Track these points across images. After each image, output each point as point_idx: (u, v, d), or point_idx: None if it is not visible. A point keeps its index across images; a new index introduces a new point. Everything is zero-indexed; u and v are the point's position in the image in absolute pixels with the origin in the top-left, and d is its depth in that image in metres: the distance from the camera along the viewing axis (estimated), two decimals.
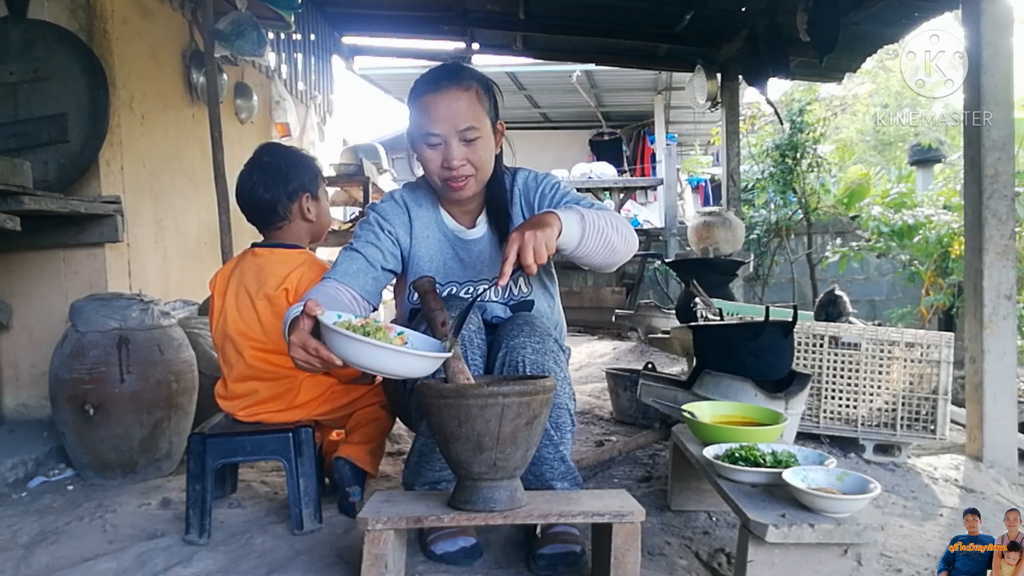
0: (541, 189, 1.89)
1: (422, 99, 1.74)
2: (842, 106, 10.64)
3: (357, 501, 1.93)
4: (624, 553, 1.41)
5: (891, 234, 5.56)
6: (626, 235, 1.73)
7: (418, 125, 1.74)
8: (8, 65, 2.75)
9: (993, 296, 2.66)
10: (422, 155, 1.77)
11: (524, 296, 1.89)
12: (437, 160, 1.74)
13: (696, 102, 5.93)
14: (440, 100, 1.71)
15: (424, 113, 1.73)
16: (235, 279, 2.02)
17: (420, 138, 1.75)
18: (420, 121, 1.74)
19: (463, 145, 1.72)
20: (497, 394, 1.36)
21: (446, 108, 1.71)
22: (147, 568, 1.67)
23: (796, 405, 2.07)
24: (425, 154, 1.75)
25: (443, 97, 1.71)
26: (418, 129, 1.75)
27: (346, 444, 2.01)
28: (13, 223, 2.22)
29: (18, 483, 2.34)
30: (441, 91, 1.72)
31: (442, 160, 1.73)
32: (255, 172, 2.04)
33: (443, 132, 1.71)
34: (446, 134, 1.71)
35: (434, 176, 1.78)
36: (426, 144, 1.74)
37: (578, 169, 9.96)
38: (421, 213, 1.89)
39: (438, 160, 1.74)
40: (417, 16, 5.80)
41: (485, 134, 1.75)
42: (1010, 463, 2.63)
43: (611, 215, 1.73)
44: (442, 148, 1.73)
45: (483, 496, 1.43)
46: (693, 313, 2.96)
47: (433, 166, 1.76)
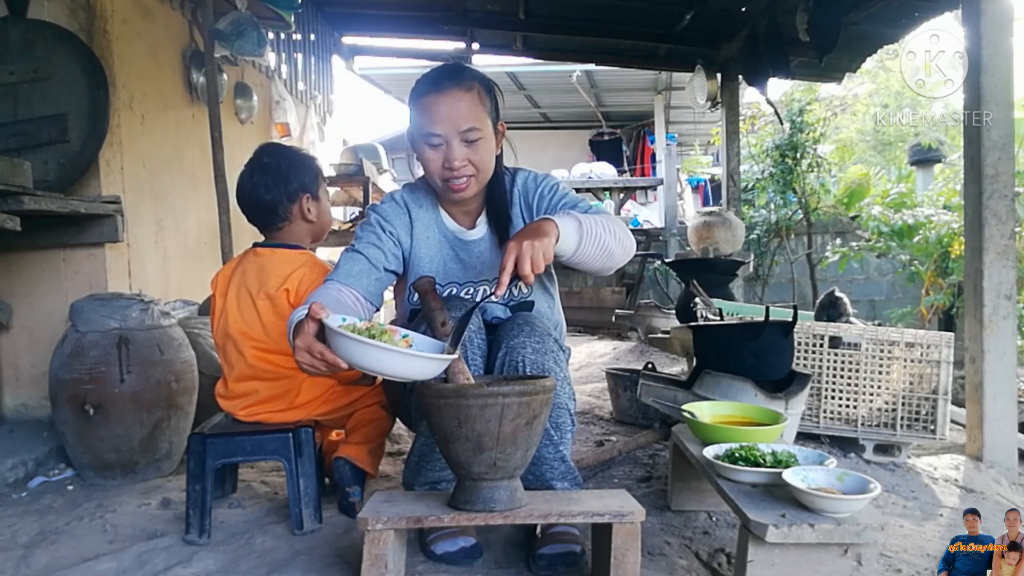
0: (540, 190, 1.89)
1: (424, 99, 1.73)
2: (842, 106, 10.64)
3: (357, 501, 1.93)
4: (624, 553, 1.41)
5: (891, 234, 5.56)
6: (623, 240, 1.73)
7: (419, 125, 1.74)
8: (8, 65, 2.75)
9: (993, 296, 2.66)
10: (423, 155, 1.76)
11: (524, 297, 1.90)
12: (438, 160, 1.74)
13: (696, 102, 5.93)
14: (442, 100, 1.71)
15: (425, 113, 1.72)
16: (236, 279, 2.02)
17: (421, 138, 1.74)
18: (421, 121, 1.73)
19: (464, 146, 1.72)
20: (497, 394, 1.36)
21: (448, 108, 1.70)
22: (147, 568, 1.67)
23: (796, 405, 2.07)
24: (426, 154, 1.75)
25: (445, 97, 1.71)
26: (419, 129, 1.74)
27: (346, 444, 2.01)
28: (13, 223, 2.22)
29: (18, 483, 2.34)
30: (443, 91, 1.72)
31: (443, 161, 1.73)
32: (255, 173, 2.04)
33: (444, 132, 1.71)
34: (447, 134, 1.71)
35: (435, 176, 1.77)
36: (427, 144, 1.74)
37: (578, 169, 9.97)
38: (421, 214, 1.89)
39: (439, 160, 1.74)
40: (417, 16, 5.80)
41: (486, 135, 1.75)
42: (1010, 463, 2.63)
43: (609, 219, 1.73)
44: (443, 148, 1.72)
45: (483, 496, 1.43)
46: (693, 313, 2.96)
47: (434, 166, 1.75)
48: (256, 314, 1.97)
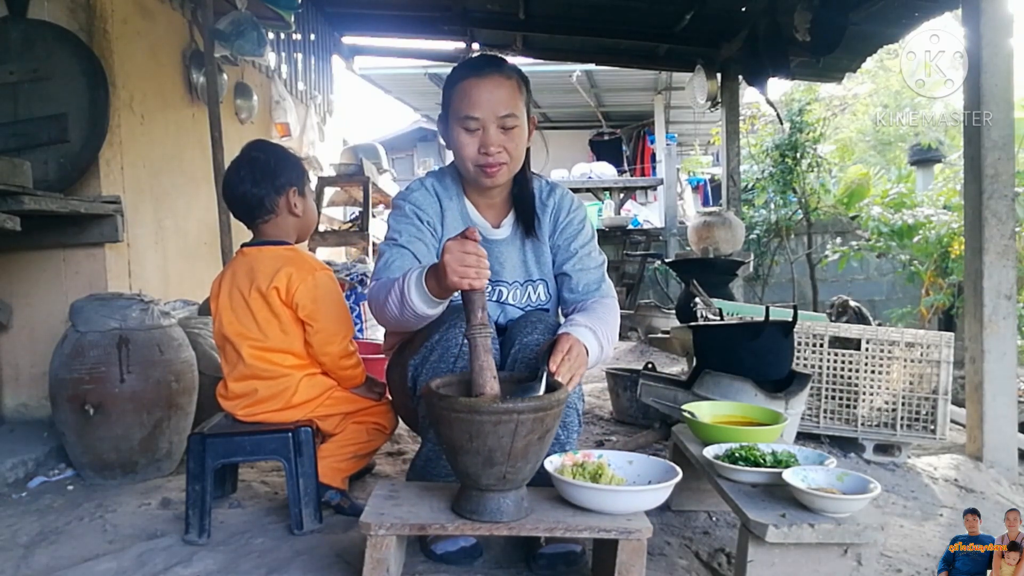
0: (571, 218, 1.94)
1: (464, 83, 1.74)
2: (842, 106, 10.64)
3: (336, 501, 1.94)
4: (628, 569, 1.37)
5: (891, 234, 5.56)
6: (613, 339, 1.80)
7: (456, 109, 1.74)
8: (8, 65, 2.75)
9: (993, 296, 2.66)
10: (458, 139, 1.76)
11: (541, 304, 1.92)
12: (473, 145, 1.74)
13: (696, 102, 5.93)
14: (483, 85, 1.72)
15: (465, 97, 1.72)
16: (227, 280, 2.03)
17: (458, 122, 1.74)
18: (459, 105, 1.73)
19: (501, 132, 1.73)
20: (512, 411, 1.32)
21: (488, 94, 1.71)
22: (147, 568, 1.67)
23: (796, 405, 2.07)
24: (461, 139, 1.75)
25: (486, 82, 1.72)
26: (456, 113, 1.74)
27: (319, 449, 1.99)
28: (13, 223, 2.22)
29: (18, 483, 2.34)
30: (484, 76, 1.73)
31: (479, 145, 1.74)
32: (242, 167, 2.04)
33: (483, 117, 1.71)
34: (485, 119, 1.72)
35: (468, 161, 1.77)
36: (464, 128, 1.74)
37: (578, 169, 9.97)
38: (450, 204, 1.89)
39: (474, 145, 1.74)
40: (417, 16, 5.81)
41: (522, 124, 1.77)
42: (1010, 463, 2.63)
43: (613, 313, 1.82)
44: (479, 134, 1.73)
45: (490, 507, 1.40)
46: (693, 313, 2.96)
47: (469, 151, 1.75)
48: (250, 313, 1.97)
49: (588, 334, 1.67)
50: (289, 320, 1.97)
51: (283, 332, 1.97)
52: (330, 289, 2.01)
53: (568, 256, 1.91)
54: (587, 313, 1.78)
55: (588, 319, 1.73)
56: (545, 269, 1.93)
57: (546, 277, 1.93)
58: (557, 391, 1.43)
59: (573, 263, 1.90)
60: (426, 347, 1.73)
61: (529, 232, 1.90)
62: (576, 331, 1.66)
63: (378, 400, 2.12)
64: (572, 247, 1.91)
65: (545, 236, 1.93)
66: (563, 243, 1.92)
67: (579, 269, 1.89)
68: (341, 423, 2.05)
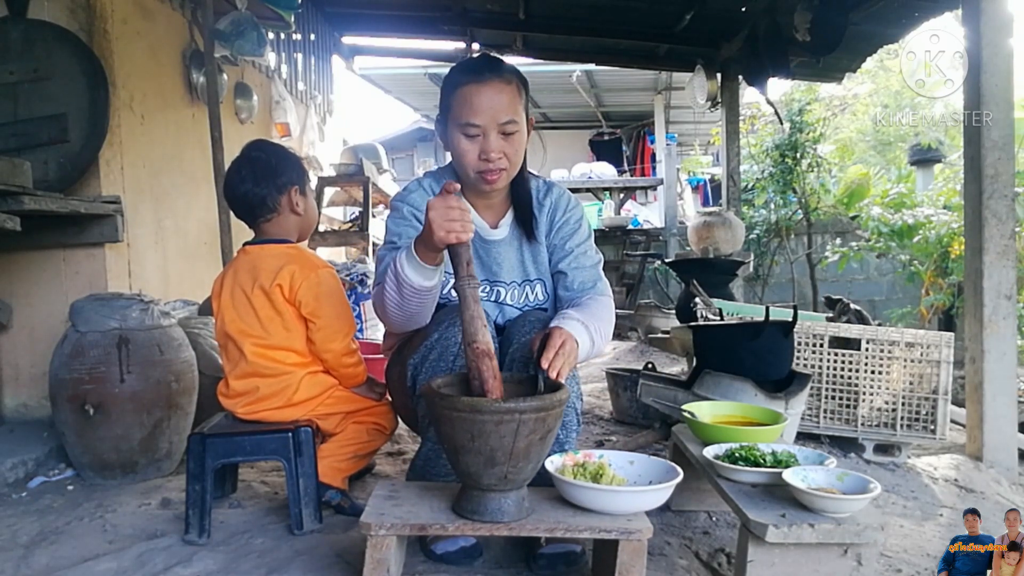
0: (567, 217, 1.94)
1: (464, 88, 1.72)
2: (842, 106, 10.64)
3: (336, 501, 1.94)
4: (629, 569, 1.37)
5: (891, 234, 5.56)
6: (607, 334, 1.81)
7: (457, 115, 1.73)
8: (8, 65, 2.75)
9: (993, 296, 2.66)
10: (458, 145, 1.76)
11: (539, 303, 1.92)
12: (474, 152, 1.74)
13: (696, 102, 5.93)
14: (484, 91, 1.71)
15: (466, 103, 1.71)
16: (229, 279, 2.03)
17: (458, 128, 1.74)
18: (460, 111, 1.72)
19: (501, 138, 1.73)
20: (514, 411, 1.32)
21: (488, 100, 1.70)
22: (147, 568, 1.67)
23: (796, 405, 2.07)
24: (462, 145, 1.75)
25: (487, 88, 1.71)
26: (456, 119, 1.73)
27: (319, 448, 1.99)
28: (13, 223, 2.22)
29: (18, 483, 2.34)
30: (485, 82, 1.71)
31: (479, 152, 1.73)
32: (244, 167, 2.05)
33: (484, 124, 1.71)
34: (487, 126, 1.71)
35: (468, 168, 1.77)
36: (464, 134, 1.73)
37: (578, 169, 9.96)
38: None
39: (475, 152, 1.74)
40: (417, 16, 5.81)
41: (522, 128, 1.76)
42: (1010, 463, 2.63)
43: (607, 309, 1.82)
44: (480, 140, 1.72)
45: (490, 507, 1.40)
46: (693, 313, 2.96)
47: (469, 157, 1.75)
48: (252, 310, 1.97)
49: (579, 327, 1.66)
50: (292, 317, 1.97)
51: (286, 329, 1.97)
52: (332, 286, 2.01)
53: (564, 254, 1.91)
54: (580, 308, 1.78)
55: (581, 313, 1.73)
56: (542, 268, 1.93)
57: (543, 276, 1.93)
58: (558, 391, 1.42)
59: (569, 261, 1.90)
60: (425, 346, 1.73)
61: (527, 233, 1.90)
62: (568, 324, 1.65)
63: (379, 400, 2.12)
64: (568, 245, 1.91)
65: (542, 235, 1.93)
66: (559, 241, 1.92)
67: (575, 267, 1.90)
68: (341, 423, 2.05)
